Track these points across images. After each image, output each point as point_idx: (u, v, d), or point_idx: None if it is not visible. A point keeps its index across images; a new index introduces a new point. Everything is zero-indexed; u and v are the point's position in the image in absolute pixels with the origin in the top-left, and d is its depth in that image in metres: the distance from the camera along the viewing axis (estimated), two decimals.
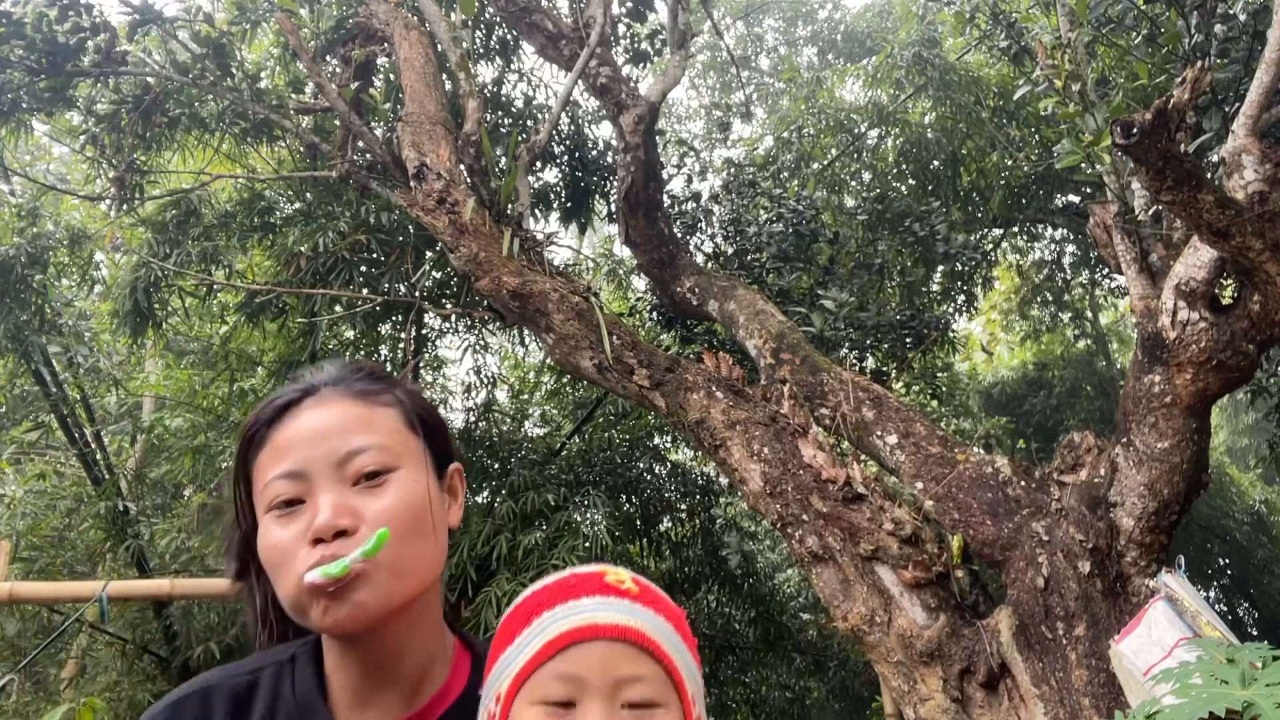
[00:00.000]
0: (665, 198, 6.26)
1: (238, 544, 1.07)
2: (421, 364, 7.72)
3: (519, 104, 7.69)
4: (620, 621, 0.83)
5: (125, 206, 6.66)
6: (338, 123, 6.20)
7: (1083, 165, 3.68)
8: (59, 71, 5.84)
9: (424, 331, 7.78)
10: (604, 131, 7.97)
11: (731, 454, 4.17)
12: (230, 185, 7.60)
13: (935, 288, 8.95)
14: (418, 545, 0.96)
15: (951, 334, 7.16)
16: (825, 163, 8.92)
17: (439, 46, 5.90)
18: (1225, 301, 3.41)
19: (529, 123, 7.36)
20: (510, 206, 4.98)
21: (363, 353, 8.06)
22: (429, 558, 0.99)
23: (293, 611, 0.95)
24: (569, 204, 7.72)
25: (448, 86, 6.05)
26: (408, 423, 1.04)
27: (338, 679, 1.00)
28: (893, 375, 6.25)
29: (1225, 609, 12.49)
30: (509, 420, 9.02)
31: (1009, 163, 8.18)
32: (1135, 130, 2.64)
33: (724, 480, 8.30)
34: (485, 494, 7.63)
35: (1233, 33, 4.16)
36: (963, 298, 9.02)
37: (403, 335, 7.29)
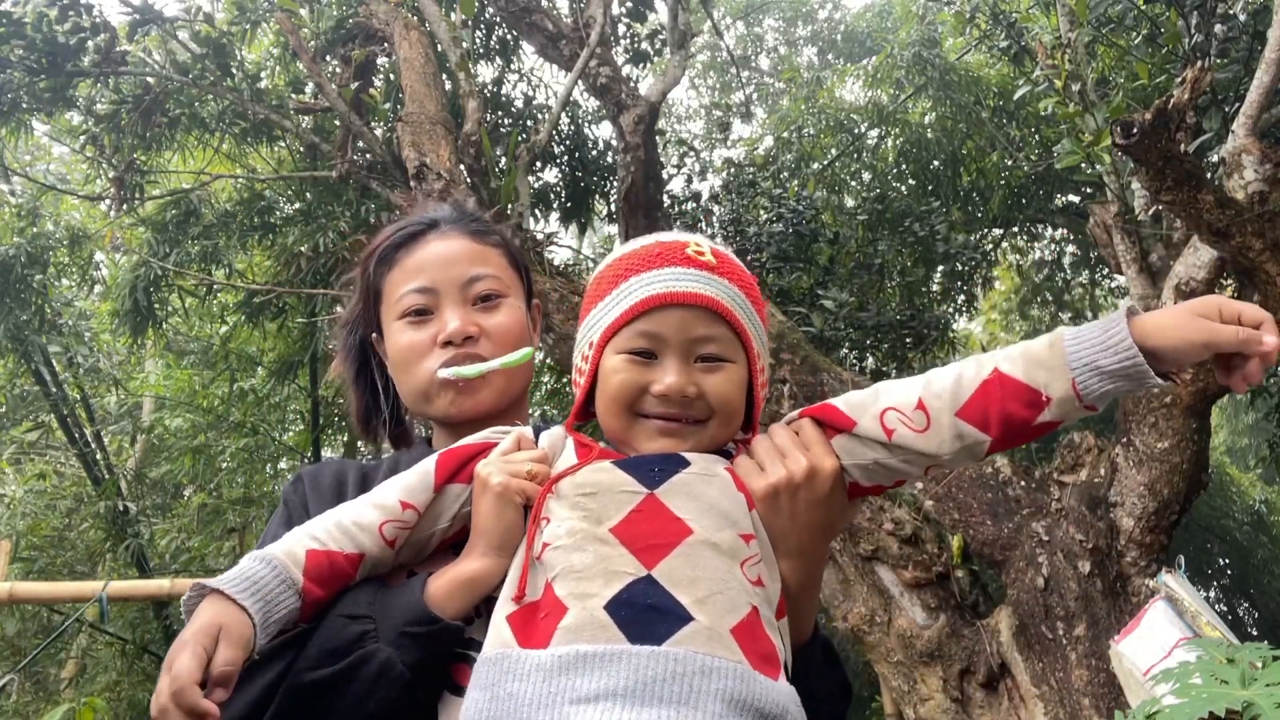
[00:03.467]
0: (665, 198, 6.26)
1: (356, 348, 1.29)
2: None
3: (519, 104, 7.69)
4: (698, 290, 0.95)
5: (125, 206, 6.65)
6: (338, 123, 6.20)
7: (1083, 165, 3.68)
8: (59, 71, 5.84)
9: None
10: (604, 131, 7.97)
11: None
12: (230, 185, 7.60)
13: (935, 288, 8.95)
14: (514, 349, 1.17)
15: (951, 334, 7.16)
16: (825, 163, 8.92)
17: (439, 46, 5.90)
18: None
19: (529, 123, 7.36)
20: (510, 206, 4.98)
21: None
22: (527, 368, 1.21)
23: (417, 400, 1.17)
24: (569, 204, 7.72)
25: (448, 86, 6.05)
26: (511, 260, 1.27)
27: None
28: (893, 375, 6.25)
29: (1225, 609, 12.48)
30: None
31: (1009, 163, 8.17)
32: (1135, 130, 2.65)
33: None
34: None
35: (1233, 33, 4.16)
36: (963, 298, 9.01)
37: None
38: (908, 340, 6.16)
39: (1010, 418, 0.88)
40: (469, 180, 5.11)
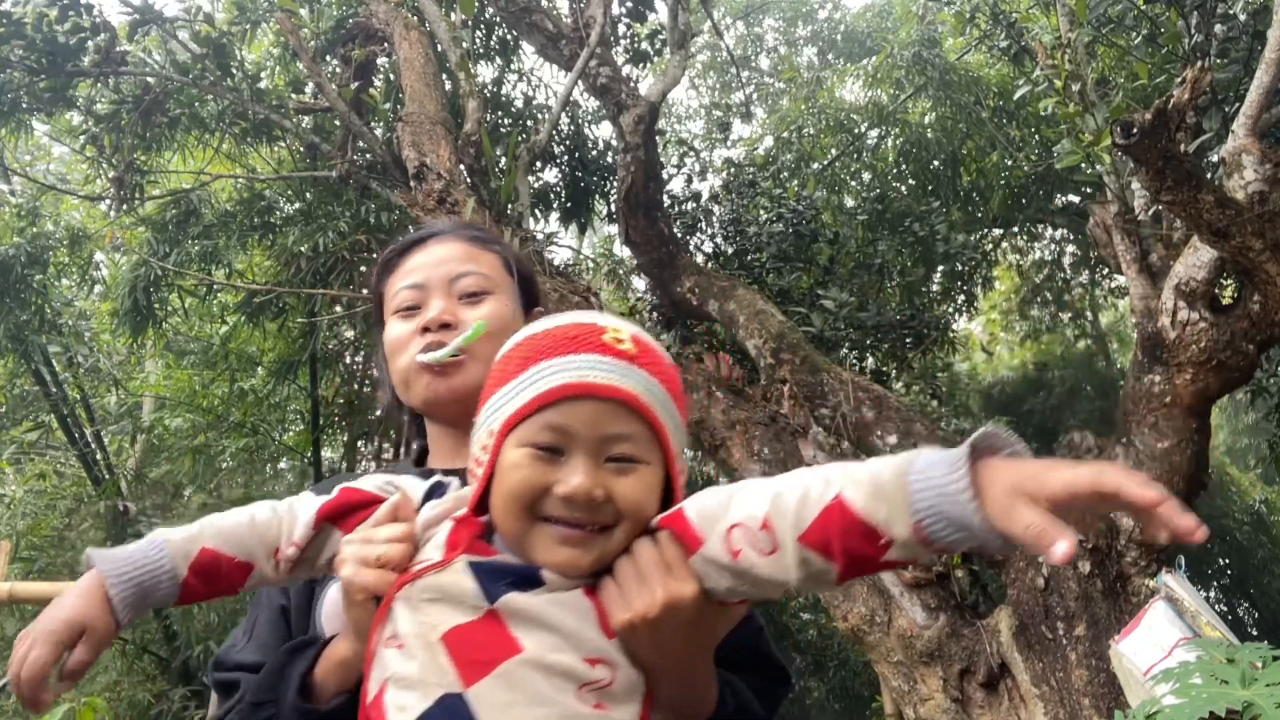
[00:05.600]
0: (665, 198, 6.26)
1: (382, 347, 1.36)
2: None
3: (519, 104, 7.70)
4: (614, 383, 0.87)
5: (125, 206, 6.65)
6: (338, 123, 6.20)
7: (1083, 165, 3.68)
8: (59, 71, 5.84)
9: None
10: (604, 131, 7.98)
11: (731, 454, 4.17)
12: (230, 185, 7.60)
13: (935, 288, 8.95)
14: (499, 348, 1.16)
15: (951, 334, 7.16)
16: (825, 163, 8.92)
17: (439, 46, 5.90)
18: (1225, 301, 3.41)
19: (529, 123, 7.36)
20: (510, 206, 4.98)
21: (363, 353, 8.06)
22: None
23: (402, 387, 1.24)
24: (569, 204, 7.72)
25: (448, 86, 6.05)
26: (506, 266, 1.33)
27: (436, 447, 1.29)
28: (893, 375, 6.26)
29: (1225, 609, 12.48)
30: None
31: (1009, 163, 8.18)
32: (1135, 130, 2.65)
33: (724, 480, 8.29)
34: None
35: (1233, 33, 4.16)
36: (963, 298, 9.01)
37: None
38: (908, 340, 6.16)
39: (852, 551, 0.78)
40: (469, 180, 5.11)
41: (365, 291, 6.74)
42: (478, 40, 7.34)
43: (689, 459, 9.54)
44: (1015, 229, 9.80)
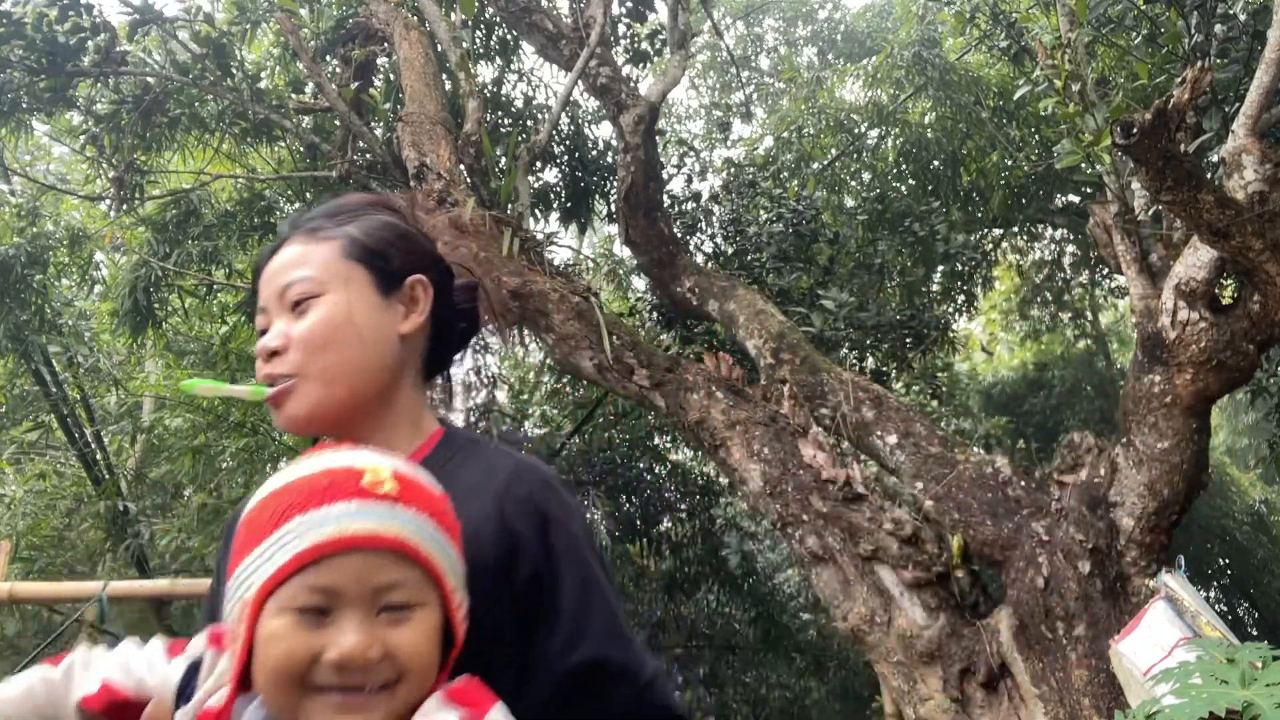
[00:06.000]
0: (665, 198, 6.26)
1: None
2: None
3: (519, 104, 7.70)
4: (378, 530, 0.81)
5: (125, 206, 6.65)
6: (338, 123, 6.20)
7: (1083, 165, 3.68)
8: (59, 71, 5.83)
9: None
10: (604, 131, 7.98)
11: (731, 454, 4.17)
12: (230, 185, 7.60)
13: (935, 288, 8.95)
14: (339, 354, 1.10)
15: (951, 334, 7.15)
16: (825, 163, 8.92)
17: (439, 46, 5.90)
18: (1225, 301, 3.41)
19: (529, 123, 7.36)
20: (510, 206, 4.98)
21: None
22: (359, 362, 1.11)
23: None
24: (569, 204, 7.72)
25: (448, 86, 6.05)
26: (346, 252, 1.15)
27: None
28: (893, 375, 6.26)
29: (1225, 609, 12.48)
30: (509, 420, 9.02)
31: (1009, 163, 8.17)
32: (1135, 130, 2.64)
33: (724, 480, 8.30)
34: None
35: (1233, 33, 4.16)
36: (963, 298, 9.01)
37: None
38: (908, 340, 6.16)
39: None
40: (469, 180, 5.11)
41: None
42: (478, 40, 7.34)
43: (689, 459, 9.54)
44: (1015, 229, 9.80)
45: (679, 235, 6.35)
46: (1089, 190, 8.03)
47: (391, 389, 1.15)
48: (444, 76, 5.99)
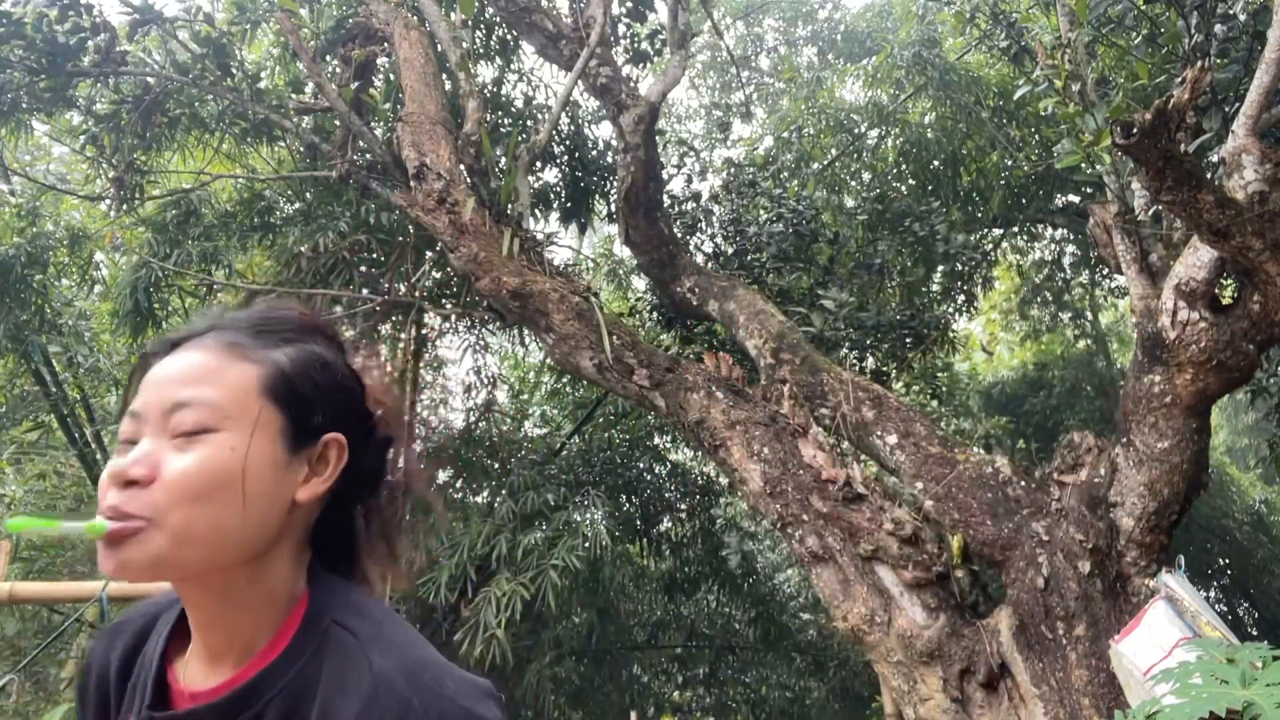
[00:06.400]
0: (665, 198, 6.26)
1: None
2: (422, 364, 7.72)
3: (519, 104, 7.70)
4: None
5: (125, 206, 6.65)
6: (338, 123, 6.20)
7: (1083, 165, 3.68)
8: (59, 71, 5.84)
9: (424, 331, 7.78)
10: (604, 131, 7.98)
11: (731, 454, 4.17)
12: (230, 185, 7.60)
13: (935, 288, 8.95)
14: (211, 513, 0.90)
15: (951, 334, 7.15)
16: (825, 163, 8.92)
17: (439, 46, 5.90)
18: (1225, 301, 3.41)
19: (529, 123, 7.36)
20: (510, 206, 4.98)
21: (363, 353, 8.04)
22: (230, 529, 0.91)
23: None
24: (569, 204, 7.72)
25: (448, 86, 6.05)
26: (265, 387, 0.95)
27: (192, 629, 1.00)
28: (893, 375, 6.25)
29: (1225, 609, 12.48)
30: (509, 420, 9.02)
31: (1009, 163, 8.18)
32: (1135, 130, 2.65)
33: (724, 480, 8.30)
34: (485, 494, 7.63)
35: (1233, 33, 4.16)
36: (963, 298, 9.01)
37: (403, 335, 7.29)
38: (908, 340, 6.16)
39: None
40: (469, 180, 5.12)
41: (365, 291, 6.73)
42: (478, 40, 7.34)
43: (689, 459, 9.55)
44: (1015, 229, 9.79)
45: (679, 235, 6.35)
46: (1089, 190, 8.03)
47: (259, 562, 0.95)
48: (444, 76, 5.99)
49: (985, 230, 9.18)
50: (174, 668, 0.99)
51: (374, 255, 6.55)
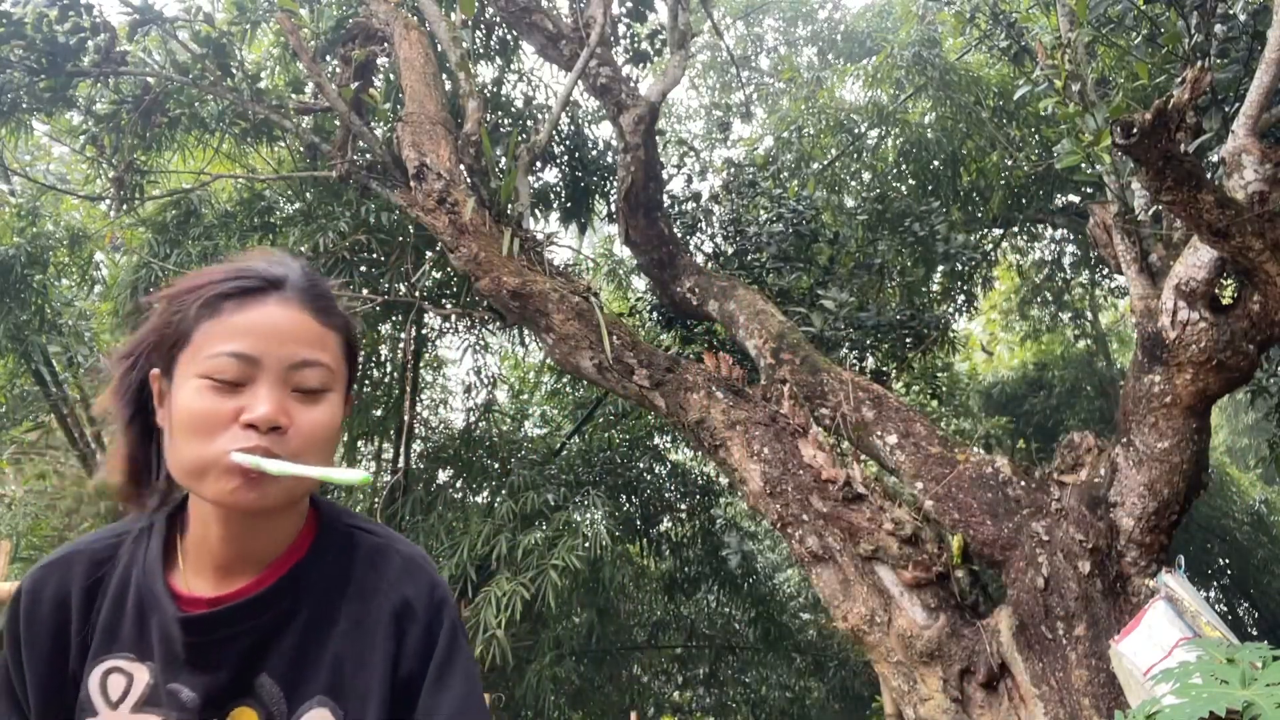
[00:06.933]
0: (665, 198, 6.26)
1: (135, 387, 1.11)
2: (422, 364, 7.72)
3: (519, 104, 7.70)
4: None
5: (125, 206, 6.65)
6: (338, 123, 6.20)
7: (1083, 165, 3.68)
8: (59, 71, 5.84)
9: (424, 331, 7.78)
10: (604, 131, 7.98)
11: (731, 454, 4.17)
12: (230, 185, 7.60)
13: (935, 288, 8.95)
14: (323, 458, 1.05)
15: (951, 334, 7.15)
16: (825, 163, 8.92)
17: (439, 46, 5.90)
18: (1225, 301, 3.41)
19: (529, 123, 7.36)
20: (510, 206, 4.98)
21: (362, 353, 8.05)
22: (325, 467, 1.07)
23: (188, 473, 1.01)
24: (569, 204, 7.72)
25: (448, 86, 6.05)
26: (345, 350, 1.12)
27: (196, 547, 1.09)
28: (893, 375, 6.25)
29: (1225, 609, 12.49)
30: (509, 420, 9.02)
31: (1009, 163, 8.18)
32: (1135, 130, 2.65)
33: (724, 480, 8.30)
34: (485, 494, 7.63)
35: (1233, 33, 4.16)
36: (963, 298, 9.02)
37: (403, 335, 7.29)
38: (908, 340, 6.16)
39: None
40: (469, 180, 5.11)
41: (365, 291, 6.73)
42: (478, 40, 7.34)
43: (689, 459, 9.55)
44: (1015, 229, 9.80)
45: (679, 235, 6.35)
46: (1089, 190, 8.03)
47: (309, 492, 1.13)
48: (444, 76, 5.99)
49: (985, 230, 9.19)
50: (172, 582, 1.08)
51: (374, 255, 6.55)
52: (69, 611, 1.08)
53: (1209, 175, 2.89)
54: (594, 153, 7.71)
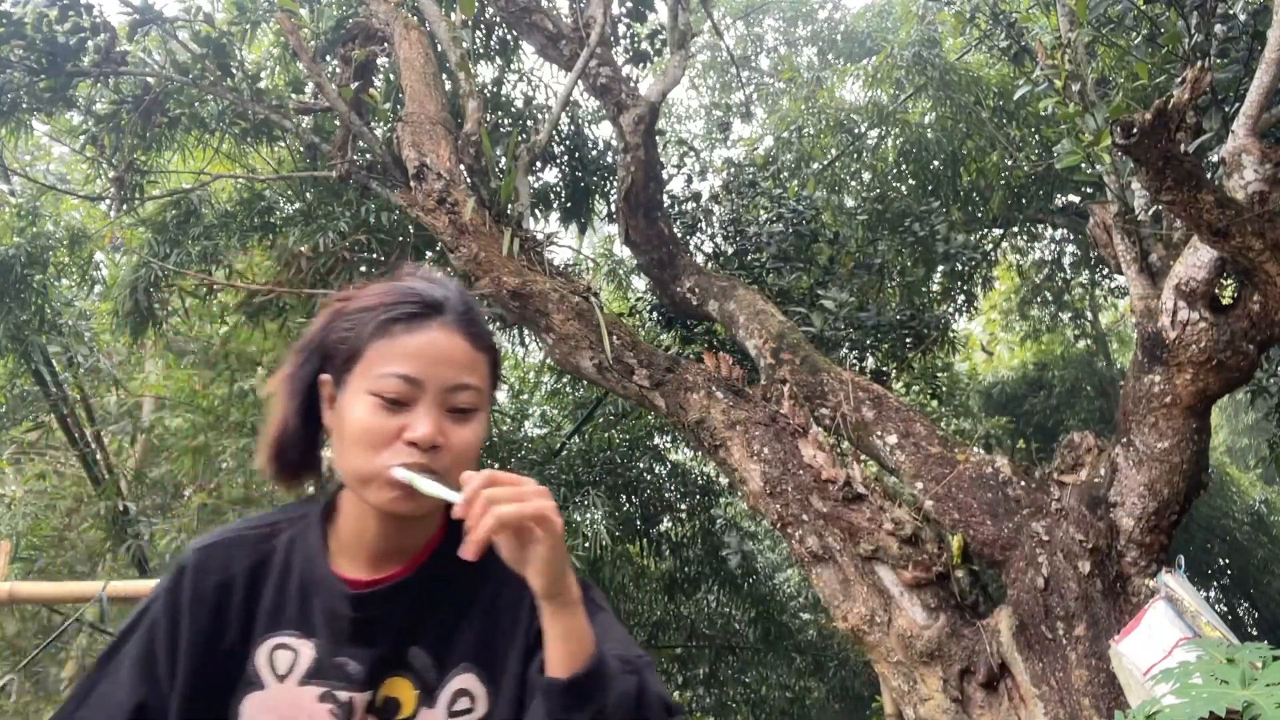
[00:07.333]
0: (665, 198, 6.26)
1: (308, 380, 1.24)
2: None
3: (519, 104, 7.70)
4: None
5: (125, 206, 6.65)
6: (338, 123, 6.19)
7: (1083, 165, 3.68)
8: (59, 71, 5.83)
9: None
10: (604, 131, 7.97)
11: (731, 454, 4.17)
12: (230, 185, 7.60)
13: (935, 288, 8.95)
14: (470, 469, 1.14)
15: (951, 334, 7.15)
16: (825, 163, 8.92)
17: (439, 46, 5.90)
18: (1225, 301, 3.41)
19: (529, 123, 7.36)
20: (510, 206, 4.98)
21: None
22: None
23: (356, 480, 1.15)
24: (569, 204, 7.72)
25: (448, 86, 6.05)
26: (491, 372, 1.25)
27: (351, 538, 1.22)
28: (893, 375, 6.26)
29: (1225, 609, 12.49)
30: (509, 420, 9.02)
31: (1009, 163, 8.18)
32: (1135, 130, 2.64)
33: (724, 480, 8.30)
34: None
35: (1233, 33, 4.16)
36: (963, 298, 9.01)
37: None
38: (908, 340, 6.16)
39: None
40: (469, 180, 5.11)
41: None
42: (478, 40, 7.34)
43: (689, 459, 9.55)
44: (1015, 229, 9.80)
45: (679, 235, 6.35)
46: (1089, 190, 8.03)
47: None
48: (444, 76, 5.98)
49: (985, 230, 9.19)
50: (333, 568, 1.22)
51: (374, 255, 6.55)
52: (231, 592, 1.19)
53: (1209, 175, 2.89)
54: (594, 153, 7.71)
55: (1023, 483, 3.74)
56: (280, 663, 1.16)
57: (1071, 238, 9.91)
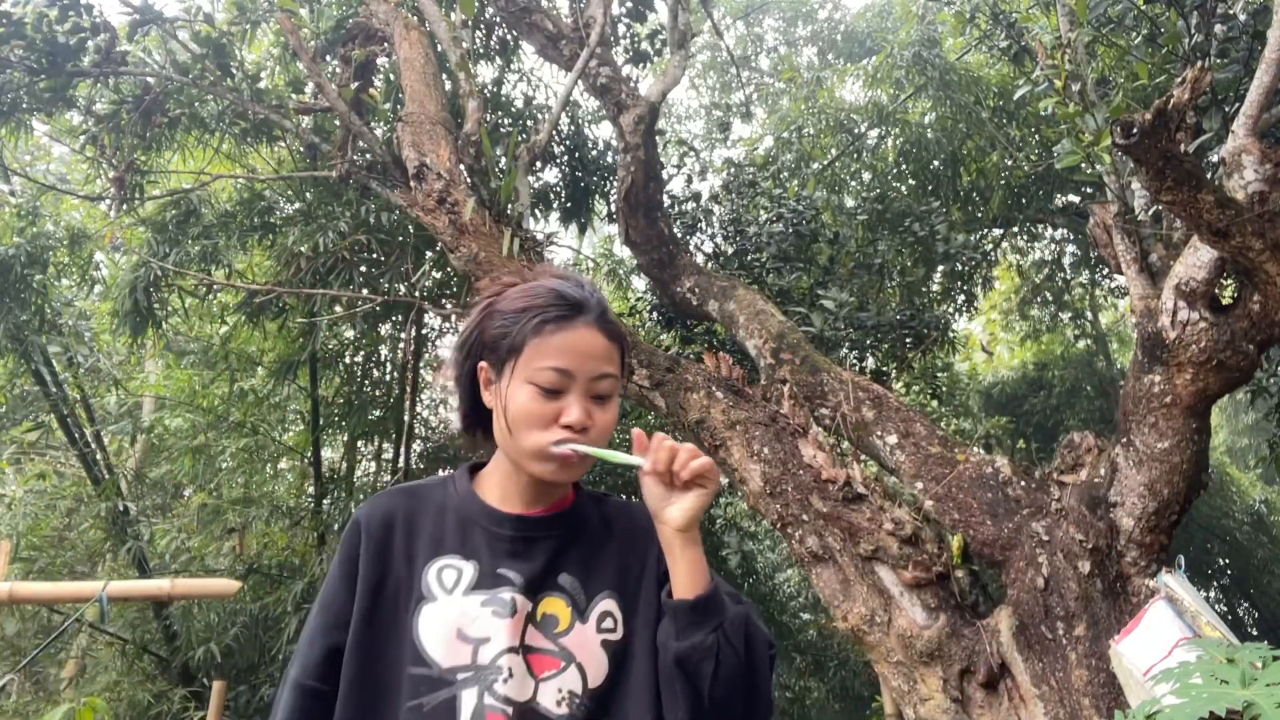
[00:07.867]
0: (665, 198, 6.26)
1: (469, 372, 1.48)
2: (421, 364, 7.72)
3: (519, 104, 7.70)
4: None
5: (125, 206, 6.65)
6: (338, 123, 6.19)
7: (1083, 165, 3.68)
8: (59, 71, 5.84)
9: (424, 331, 7.78)
10: (604, 131, 7.98)
11: (731, 454, 4.17)
12: (230, 185, 7.60)
13: (935, 288, 8.95)
14: (607, 444, 1.41)
15: (951, 334, 7.15)
16: (825, 163, 8.92)
17: (439, 46, 5.90)
18: (1225, 301, 3.41)
19: (529, 123, 7.36)
20: (510, 206, 4.98)
21: (362, 353, 8.05)
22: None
23: (521, 456, 1.37)
24: (569, 204, 7.72)
25: (448, 86, 6.05)
26: (622, 360, 1.45)
27: (502, 487, 1.46)
28: (893, 375, 6.26)
29: (1225, 609, 12.49)
30: None
31: (1009, 163, 8.18)
32: (1135, 130, 2.65)
33: (724, 480, 8.28)
34: None
35: (1233, 33, 4.16)
36: (963, 298, 9.01)
37: (403, 335, 7.29)
38: (908, 340, 6.16)
39: None
40: (469, 180, 5.11)
41: (365, 291, 6.72)
42: (478, 40, 7.34)
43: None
44: (1015, 229, 9.80)
45: (679, 235, 6.35)
46: (1089, 190, 8.03)
47: None
48: (444, 76, 5.98)
49: (985, 230, 9.18)
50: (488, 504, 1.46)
51: (374, 255, 6.55)
52: (392, 530, 1.42)
53: (1209, 175, 2.89)
54: (594, 153, 7.71)
55: (1023, 483, 3.74)
56: (447, 578, 1.37)
57: (1071, 238, 9.91)
